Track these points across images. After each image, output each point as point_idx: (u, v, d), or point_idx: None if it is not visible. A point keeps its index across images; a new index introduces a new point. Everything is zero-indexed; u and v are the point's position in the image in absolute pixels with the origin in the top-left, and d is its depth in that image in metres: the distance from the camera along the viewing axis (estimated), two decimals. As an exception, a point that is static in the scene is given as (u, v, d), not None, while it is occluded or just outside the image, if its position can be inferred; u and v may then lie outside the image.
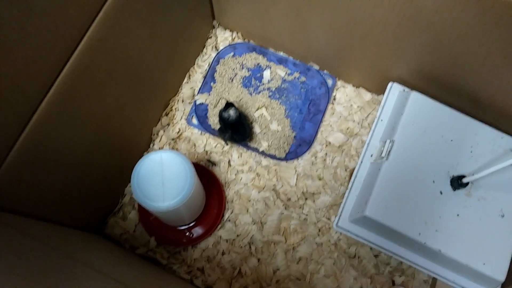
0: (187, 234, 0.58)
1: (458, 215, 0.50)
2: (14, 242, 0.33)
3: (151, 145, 0.64)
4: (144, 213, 0.59)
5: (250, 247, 0.58)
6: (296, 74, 0.67)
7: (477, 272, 0.49)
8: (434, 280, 0.56)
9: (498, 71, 0.48)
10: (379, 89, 0.63)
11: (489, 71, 0.48)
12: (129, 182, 0.61)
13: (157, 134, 0.64)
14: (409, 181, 0.51)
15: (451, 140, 0.53)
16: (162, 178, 0.48)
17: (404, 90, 0.58)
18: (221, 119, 0.59)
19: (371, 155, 0.56)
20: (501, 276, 0.49)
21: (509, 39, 0.42)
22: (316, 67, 0.66)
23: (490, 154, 0.53)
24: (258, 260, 0.57)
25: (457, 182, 0.51)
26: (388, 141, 0.53)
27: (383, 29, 0.50)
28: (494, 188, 0.51)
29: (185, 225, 0.58)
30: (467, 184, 0.50)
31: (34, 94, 0.39)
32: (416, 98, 0.54)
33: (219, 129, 0.61)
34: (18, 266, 0.29)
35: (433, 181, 0.51)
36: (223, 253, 0.58)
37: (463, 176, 0.50)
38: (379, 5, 0.47)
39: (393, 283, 0.57)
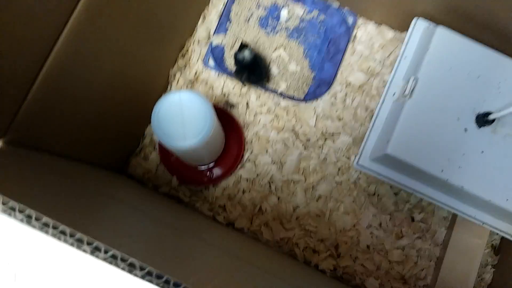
0: (208, 174, 0.59)
1: (482, 152, 0.50)
2: (41, 176, 0.34)
3: (169, 87, 0.63)
4: (165, 154, 0.59)
5: (270, 186, 0.59)
6: (315, 13, 0.65)
7: (500, 208, 0.49)
8: (454, 216, 0.56)
9: (533, 0, 0.45)
10: (402, 26, 0.61)
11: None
12: (149, 123, 0.61)
13: (174, 77, 0.63)
14: (433, 118, 0.50)
15: (478, 77, 0.51)
16: (182, 118, 0.48)
17: (429, 26, 0.55)
18: (236, 60, 0.57)
19: (394, 94, 0.55)
20: (523, 212, 0.49)
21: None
22: (336, 4, 0.64)
23: (518, 90, 0.51)
24: (278, 198, 0.58)
25: (483, 119, 0.49)
26: (412, 79, 0.52)
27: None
28: (520, 125, 0.50)
29: (206, 165, 0.59)
30: (493, 121, 0.49)
31: (50, 30, 0.38)
32: (442, 34, 0.52)
33: (235, 70, 0.60)
34: (47, 196, 0.29)
35: (458, 119, 0.50)
36: (243, 192, 0.59)
37: (490, 113, 0.49)
38: None
39: (412, 219, 0.57)
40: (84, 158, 0.50)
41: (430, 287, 0.55)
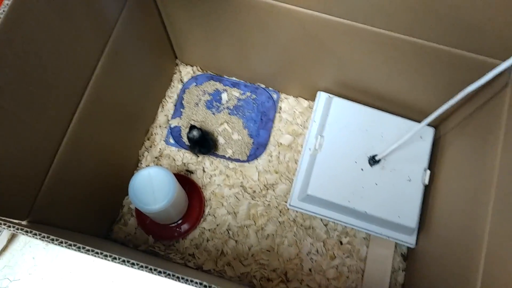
0: (177, 229, 0.74)
1: (376, 184, 0.67)
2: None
3: (139, 164, 0.79)
4: (141, 218, 0.74)
5: (228, 232, 0.74)
6: (248, 93, 0.84)
7: (395, 223, 0.66)
8: (369, 235, 0.73)
9: (388, 76, 0.66)
10: (313, 97, 0.80)
11: (383, 76, 0.66)
12: (126, 195, 0.76)
13: (143, 155, 0.79)
14: (338, 164, 0.68)
15: (366, 130, 0.70)
16: (152, 187, 0.63)
17: (329, 96, 0.75)
18: (188, 139, 0.75)
19: (309, 149, 0.73)
20: (413, 224, 0.66)
21: (388, 55, 0.60)
22: (263, 85, 0.84)
23: (396, 136, 0.70)
24: (236, 241, 0.73)
25: (373, 160, 0.68)
26: (319, 137, 0.70)
27: (303, 57, 0.68)
28: (401, 161, 0.69)
29: (175, 222, 0.74)
30: (379, 160, 0.68)
31: (55, 137, 0.54)
32: (337, 102, 0.72)
33: (189, 146, 0.77)
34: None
35: (355, 162, 0.68)
36: (207, 240, 0.73)
37: (376, 155, 0.68)
38: (296, 40, 0.64)
39: (341, 243, 0.73)
40: (79, 229, 0.64)
41: (360, 294, 0.70)
